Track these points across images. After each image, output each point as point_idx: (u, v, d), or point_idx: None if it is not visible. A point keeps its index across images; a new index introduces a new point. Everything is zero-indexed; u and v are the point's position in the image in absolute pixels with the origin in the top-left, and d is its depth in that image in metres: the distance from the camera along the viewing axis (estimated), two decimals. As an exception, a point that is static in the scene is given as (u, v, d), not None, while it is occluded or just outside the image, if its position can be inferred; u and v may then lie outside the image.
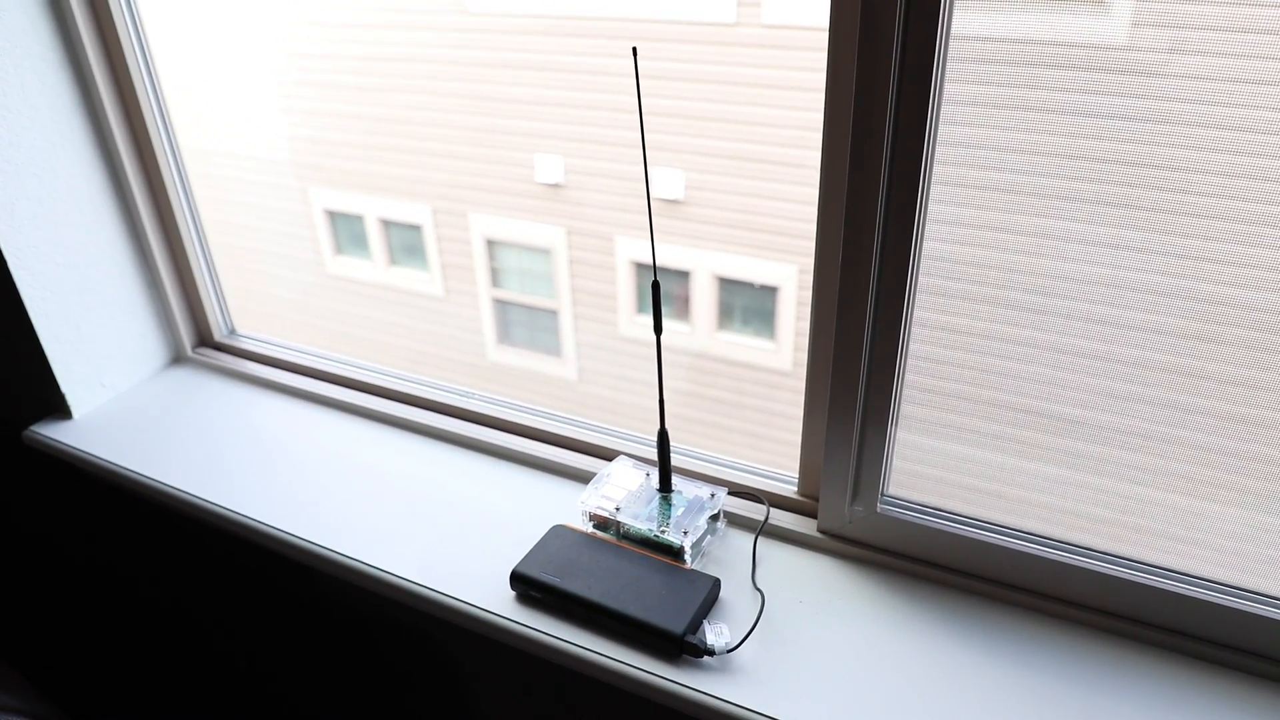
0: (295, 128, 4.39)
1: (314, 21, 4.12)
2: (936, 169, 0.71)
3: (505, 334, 4.45)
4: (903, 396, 0.81)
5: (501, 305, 4.38)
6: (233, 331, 1.29)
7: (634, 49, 0.71)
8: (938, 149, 0.70)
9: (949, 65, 0.67)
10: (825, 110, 0.74)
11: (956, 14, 0.66)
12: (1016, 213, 0.71)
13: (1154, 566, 0.77)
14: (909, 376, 0.80)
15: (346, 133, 4.26)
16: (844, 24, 0.69)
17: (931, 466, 0.83)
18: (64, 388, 1.13)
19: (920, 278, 0.75)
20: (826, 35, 0.71)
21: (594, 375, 4.25)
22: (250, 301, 1.31)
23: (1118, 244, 0.69)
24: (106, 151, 1.12)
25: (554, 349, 4.33)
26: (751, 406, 3.88)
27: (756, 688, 0.75)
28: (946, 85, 0.68)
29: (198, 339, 1.28)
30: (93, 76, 1.07)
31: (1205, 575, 0.75)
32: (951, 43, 0.67)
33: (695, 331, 3.92)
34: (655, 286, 0.82)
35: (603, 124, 3.71)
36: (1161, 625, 0.77)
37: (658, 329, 0.83)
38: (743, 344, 3.87)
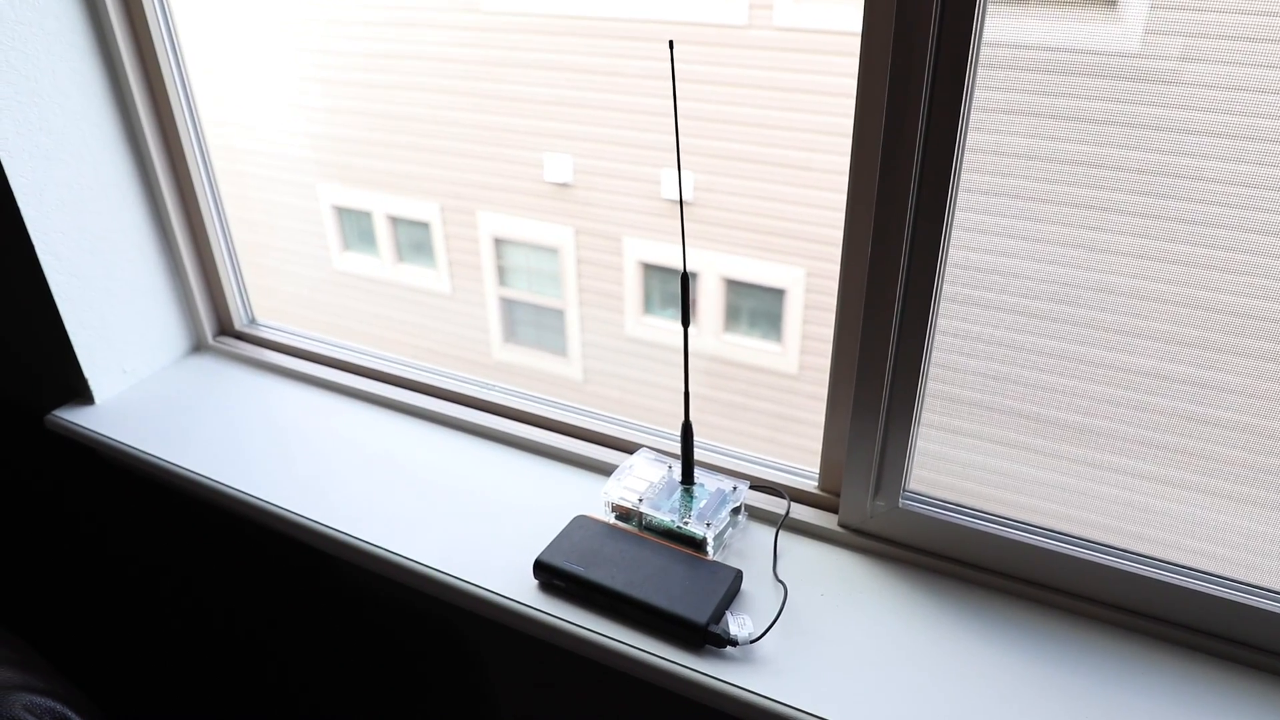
0: (306, 123, 4.40)
1: (327, 18, 4.13)
2: (964, 176, 0.72)
3: (511, 333, 4.46)
4: (924, 404, 0.82)
5: (508, 304, 4.39)
6: (253, 320, 1.29)
7: (670, 42, 0.72)
8: (966, 155, 0.71)
9: (980, 71, 0.68)
10: (856, 114, 0.74)
11: (989, 19, 0.66)
12: (1040, 221, 0.72)
13: (1175, 564, 0.77)
14: (931, 385, 0.81)
15: (356, 129, 4.27)
16: (878, 27, 0.69)
17: (949, 475, 0.84)
18: (87, 373, 1.14)
19: (945, 286, 0.76)
20: (847, 39, 0.72)
21: (599, 376, 4.26)
22: (258, 298, 1.31)
23: (1139, 253, 0.70)
24: (134, 139, 1.13)
25: (559, 349, 4.34)
26: (757, 410, 3.89)
27: (779, 678, 0.76)
28: (977, 92, 0.69)
29: (219, 327, 1.28)
30: (122, 64, 1.08)
31: (1226, 574, 0.76)
32: (984, 49, 0.67)
33: (702, 333, 3.93)
34: (684, 279, 0.84)
35: (612, 124, 3.73)
36: (1182, 623, 0.77)
37: (685, 321, 0.84)
38: (749, 346, 3.88)
